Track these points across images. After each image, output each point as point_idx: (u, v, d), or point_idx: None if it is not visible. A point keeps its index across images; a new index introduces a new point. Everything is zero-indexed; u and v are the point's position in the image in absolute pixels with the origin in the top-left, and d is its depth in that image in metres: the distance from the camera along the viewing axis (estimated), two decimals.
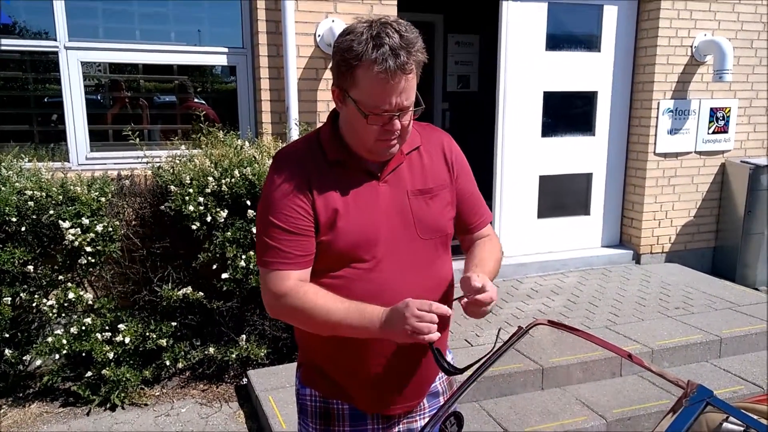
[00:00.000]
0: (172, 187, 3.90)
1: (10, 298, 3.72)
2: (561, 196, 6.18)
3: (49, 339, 3.77)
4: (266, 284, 1.67)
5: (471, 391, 1.67)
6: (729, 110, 6.15)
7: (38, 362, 4.01)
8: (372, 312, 1.56)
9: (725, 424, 1.64)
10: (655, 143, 5.96)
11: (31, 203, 3.71)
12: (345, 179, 1.68)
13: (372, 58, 1.49)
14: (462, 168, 1.85)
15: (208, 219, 3.86)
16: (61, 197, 3.77)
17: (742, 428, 1.58)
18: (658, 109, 5.89)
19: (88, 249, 3.75)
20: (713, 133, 6.15)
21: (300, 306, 1.62)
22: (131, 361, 3.95)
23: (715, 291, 5.42)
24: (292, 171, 1.67)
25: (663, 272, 5.94)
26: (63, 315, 3.87)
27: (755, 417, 1.28)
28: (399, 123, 1.59)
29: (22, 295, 3.77)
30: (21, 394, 4.02)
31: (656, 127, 5.92)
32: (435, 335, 1.48)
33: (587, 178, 6.22)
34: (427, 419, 1.85)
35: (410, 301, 1.50)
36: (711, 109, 6.08)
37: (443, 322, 1.80)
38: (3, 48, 4.33)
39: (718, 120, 6.13)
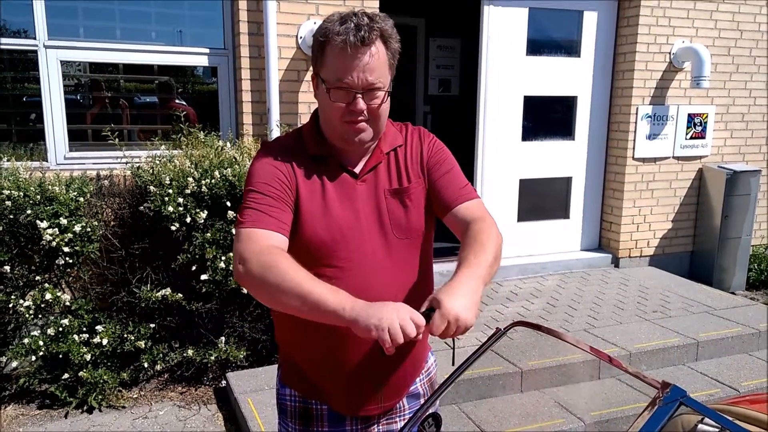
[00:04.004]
0: (152, 188, 3.87)
1: None
2: (541, 199, 6.22)
3: (26, 340, 3.72)
4: (238, 242, 1.59)
5: (450, 393, 1.67)
6: (706, 116, 6.23)
7: (14, 364, 3.96)
8: (345, 295, 1.42)
9: (700, 426, 1.66)
10: (633, 148, 6.02)
11: (8, 203, 3.66)
12: (325, 177, 1.70)
13: (335, 31, 1.56)
14: (435, 151, 1.82)
15: (188, 220, 3.84)
16: (39, 197, 3.73)
17: (717, 429, 1.60)
18: (636, 114, 5.96)
19: (66, 249, 3.72)
20: (691, 138, 6.22)
21: (270, 265, 1.49)
22: (109, 363, 3.91)
23: (692, 295, 5.48)
24: (279, 155, 1.70)
25: (641, 276, 6.00)
26: (40, 316, 3.83)
27: (730, 418, 1.30)
28: (363, 103, 1.60)
29: None
30: None
31: (635, 132, 5.99)
32: (392, 350, 1.36)
33: (567, 182, 6.27)
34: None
35: (404, 306, 1.38)
36: (689, 114, 6.16)
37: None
38: None
39: (696, 126, 6.21)
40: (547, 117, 6.12)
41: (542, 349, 4.20)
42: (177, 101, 5.04)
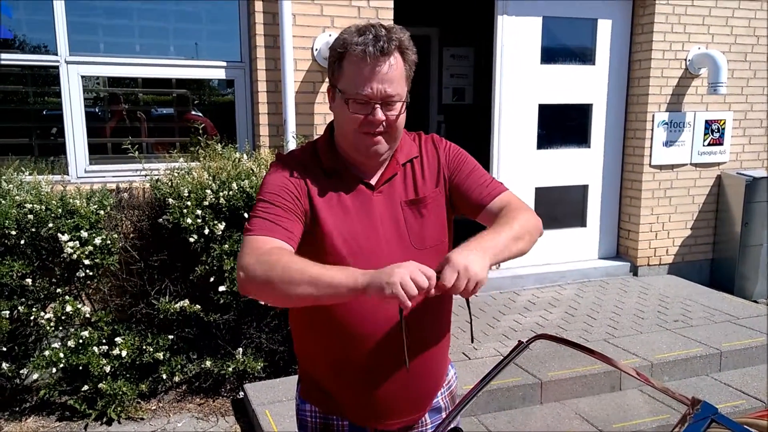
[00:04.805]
0: (171, 200, 3.90)
1: (8, 312, 3.70)
2: (557, 207, 6.19)
3: (47, 352, 3.75)
4: (241, 250, 1.57)
5: (469, 404, 1.66)
6: (724, 122, 6.18)
7: (35, 376, 3.98)
8: (353, 269, 1.44)
9: None
10: (650, 155, 5.99)
11: (30, 216, 3.69)
12: (340, 189, 1.70)
13: (354, 42, 1.57)
14: (452, 156, 1.82)
15: (206, 231, 3.86)
16: (60, 210, 3.76)
17: None
18: (653, 121, 5.92)
19: (87, 262, 3.75)
20: (709, 145, 6.18)
21: (273, 263, 1.47)
22: (128, 375, 3.93)
23: (713, 303, 5.42)
24: (291, 168, 1.70)
25: (661, 284, 5.95)
26: (60, 328, 3.86)
27: None
28: (381, 113, 1.60)
29: (20, 308, 3.75)
30: (17, 408, 3.99)
31: (651, 139, 5.95)
32: (408, 303, 1.35)
33: (583, 189, 6.24)
34: None
35: (411, 262, 1.41)
36: (706, 121, 6.11)
37: (441, 324, 1.80)
38: (3, 62, 4.33)
39: (714, 132, 6.17)
40: (562, 125, 6.10)
41: (562, 360, 4.17)
42: (194, 113, 5.09)
